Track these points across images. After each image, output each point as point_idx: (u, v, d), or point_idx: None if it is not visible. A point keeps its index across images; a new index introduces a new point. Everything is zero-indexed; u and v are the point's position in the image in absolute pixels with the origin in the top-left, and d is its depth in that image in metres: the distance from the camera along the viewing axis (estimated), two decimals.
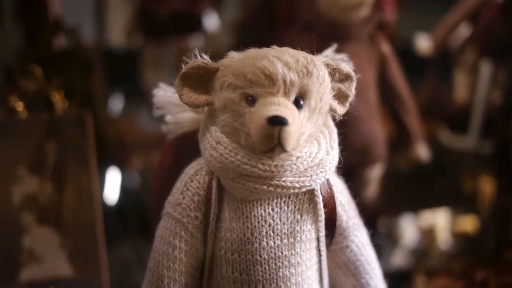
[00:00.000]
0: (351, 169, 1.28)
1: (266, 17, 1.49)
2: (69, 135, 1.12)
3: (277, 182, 0.66)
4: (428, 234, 1.70)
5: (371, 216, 1.36)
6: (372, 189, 1.32)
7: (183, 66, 0.69)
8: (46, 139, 1.11)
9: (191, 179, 0.71)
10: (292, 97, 0.66)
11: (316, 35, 1.19)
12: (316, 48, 1.18)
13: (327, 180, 0.73)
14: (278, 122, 0.61)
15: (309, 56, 0.68)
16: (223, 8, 2.23)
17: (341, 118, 1.17)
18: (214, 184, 0.69)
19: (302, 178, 0.68)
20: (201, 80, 0.69)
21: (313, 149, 0.69)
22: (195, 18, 1.88)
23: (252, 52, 0.68)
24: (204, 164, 0.71)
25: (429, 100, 2.05)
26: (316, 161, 0.69)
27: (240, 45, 1.64)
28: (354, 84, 0.72)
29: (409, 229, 1.72)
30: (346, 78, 0.72)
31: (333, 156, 0.72)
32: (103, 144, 1.70)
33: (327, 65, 0.70)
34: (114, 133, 1.81)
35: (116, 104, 2.17)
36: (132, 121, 2.15)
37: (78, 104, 1.47)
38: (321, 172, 0.70)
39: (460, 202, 1.83)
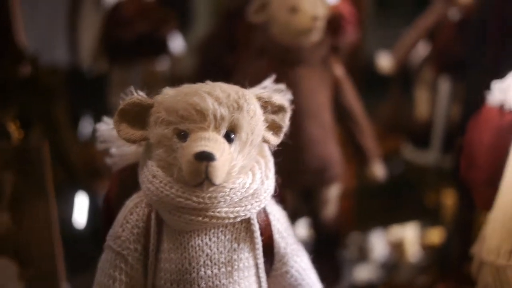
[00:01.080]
0: (309, 190, 1.31)
1: (226, 40, 1.52)
2: (26, 164, 1.12)
3: (211, 213, 0.69)
4: (397, 248, 1.72)
5: (332, 235, 1.39)
6: (330, 208, 1.35)
7: (120, 102, 0.71)
8: (2, 169, 1.11)
9: (131, 212, 0.73)
10: (223, 131, 0.68)
11: (271, 59, 1.23)
12: (270, 72, 1.22)
13: (264, 208, 0.76)
14: (204, 157, 0.63)
15: (241, 91, 0.70)
16: (191, 31, 2.26)
17: (296, 140, 1.22)
18: (153, 216, 0.71)
19: (236, 208, 0.70)
20: (138, 116, 0.71)
21: (247, 180, 0.71)
22: (160, 41, 1.90)
23: (186, 88, 0.70)
24: (144, 196, 0.73)
25: (392, 116, 2.10)
26: (250, 191, 0.71)
27: (203, 66, 1.67)
28: (288, 115, 0.75)
29: (378, 243, 1.75)
30: (279, 109, 0.74)
31: (268, 185, 0.75)
32: (70, 169, 1.70)
33: (259, 98, 0.72)
34: (83, 156, 1.81)
35: (87, 127, 2.17)
36: None
37: (40, 131, 1.48)
38: (256, 202, 0.72)
39: (426, 216, 1.87)
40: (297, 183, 1.26)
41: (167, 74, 1.99)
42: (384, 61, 1.96)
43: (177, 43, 1.96)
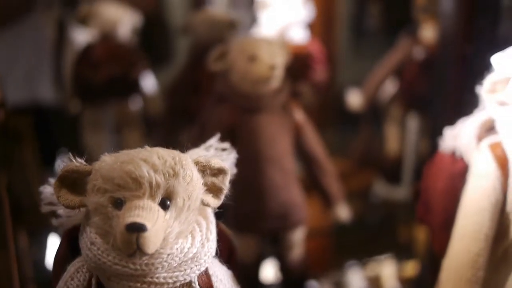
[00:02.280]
0: (274, 234, 1.31)
1: (193, 84, 1.54)
2: None
3: (150, 279, 0.69)
4: (374, 283, 1.72)
5: (299, 277, 1.39)
6: (296, 251, 1.35)
7: (60, 167, 0.71)
8: None
9: (72, 277, 0.73)
10: (158, 199, 0.68)
11: (231, 106, 1.25)
12: (230, 119, 1.23)
13: (206, 270, 0.76)
14: (135, 229, 0.64)
15: (178, 156, 0.71)
16: (172, 68, 2.28)
17: (259, 186, 1.22)
18: (94, 281, 0.71)
19: (175, 273, 0.70)
20: (77, 182, 0.71)
21: (185, 245, 0.72)
22: (131, 82, 1.91)
23: (123, 154, 0.71)
24: (85, 261, 0.73)
25: (363, 152, 2.12)
26: (189, 255, 0.72)
27: (170, 111, 1.67)
28: (228, 177, 0.76)
29: (355, 279, 1.75)
30: (219, 172, 0.75)
31: (209, 247, 0.75)
32: (39, 213, 1.69)
33: (197, 163, 0.73)
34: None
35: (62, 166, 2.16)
36: None
37: (8, 176, 1.47)
38: (196, 265, 0.72)
39: (401, 250, 1.87)
40: (261, 228, 1.27)
41: (140, 113, 2.01)
42: (354, 98, 1.99)
43: (149, 83, 1.98)
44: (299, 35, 1.98)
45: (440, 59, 1.66)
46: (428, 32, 1.83)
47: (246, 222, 1.26)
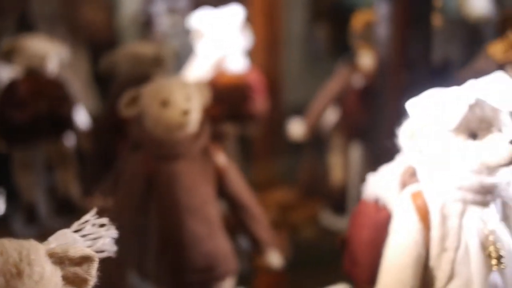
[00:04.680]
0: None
1: (116, 125, 1.45)
2: None
3: None
4: None
5: None
6: None
7: None
8: None
9: None
10: None
11: (146, 154, 1.16)
12: (145, 168, 1.15)
13: None
14: None
15: (27, 250, 0.61)
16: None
17: (180, 239, 1.14)
18: None
19: None
20: None
21: None
22: (62, 118, 1.81)
23: None
24: None
25: (308, 182, 2.06)
26: None
27: (94, 153, 1.58)
28: (95, 265, 0.66)
29: None
30: (82, 260, 0.66)
31: None
32: None
33: (52, 255, 0.64)
34: None
35: None
36: (8, 226, 2.03)
37: None
38: None
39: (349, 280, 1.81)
40: (184, 283, 1.18)
41: (74, 151, 1.91)
42: (295, 127, 1.93)
43: (81, 118, 1.89)
44: (238, 64, 1.92)
45: (377, 87, 1.62)
46: (366, 60, 1.79)
47: (168, 277, 1.18)
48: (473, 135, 0.86)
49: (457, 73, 1.55)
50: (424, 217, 0.89)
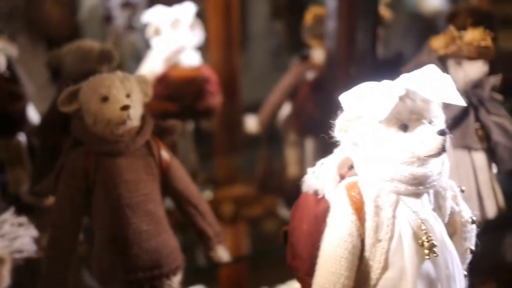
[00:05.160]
0: (149, 285, 1.21)
1: (61, 122, 1.42)
2: None
3: None
4: None
5: None
6: None
7: None
8: None
9: None
10: None
11: (88, 150, 1.14)
12: (86, 165, 1.13)
13: None
14: None
15: None
16: None
17: (124, 237, 1.12)
18: None
19: None
20: None
21: None
22: (12, 117, 1.77)
23: None
24: None
25: (265, 177, 2.06)
26: None
27: (40, 150, 1.55)
28: (6, 266, 0.65)
29: None
30: None
31: None
32: None
33: None
34: None
35: None
36: None
37: None
38: None
39: None
40: (129, 280, 1.16)
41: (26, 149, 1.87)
42: (250, 123, 1.93)
43: (33, 116, 1.85)
44: (192, 60, 1.91)
45: (327, 80, 1.63)
46: (318, 54, 1.80)
47: (112, 275, 1.16)
48: (404, 127, 0.87)
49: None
50: (359, 208, 0.90)
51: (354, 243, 0.89)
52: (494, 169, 1.33)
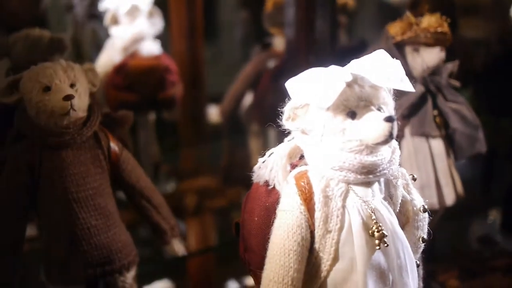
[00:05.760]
0: (104, 282, 1.17)
1: (8, 113, 1.37)
2: None
3: None
4: None
5: None
6: None
7: None
8: None
9: None
10: None
11: (31, 143, 1.09)
12: (29, 158, 1.08)
13: None
14: None
15: None
16: None
17: (72, 232, 1.08)
18: None
19: None
20: None
21: None
22: None
23: None
24: None
25: (228, 168, 2.03)
26: None
27: None
28: None
29: None
30: None
31: None
32: None
33: None
34: None
35: None
36: None
37: None
38: None
39: None
40: (78, 278, 1.12)
41: None
42: (212, 114, 1.90)
43: None
44: (151, 49, 1.86)
45: (287, 69, 1.60)
46: (279, 42, 1.76)
47: (61, 273, 1.12)
48: (352, 114, 0.85)
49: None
50: (308, 199, 0.87)
51: (303, 234, 0.86)
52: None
